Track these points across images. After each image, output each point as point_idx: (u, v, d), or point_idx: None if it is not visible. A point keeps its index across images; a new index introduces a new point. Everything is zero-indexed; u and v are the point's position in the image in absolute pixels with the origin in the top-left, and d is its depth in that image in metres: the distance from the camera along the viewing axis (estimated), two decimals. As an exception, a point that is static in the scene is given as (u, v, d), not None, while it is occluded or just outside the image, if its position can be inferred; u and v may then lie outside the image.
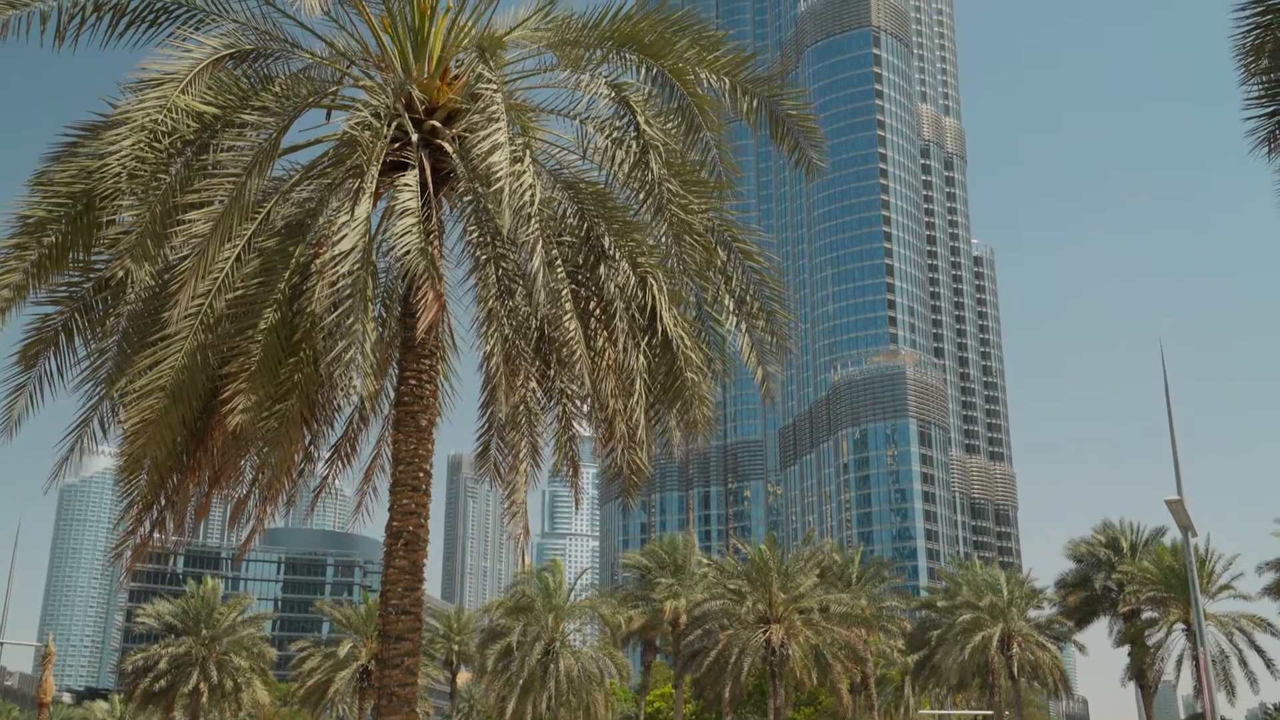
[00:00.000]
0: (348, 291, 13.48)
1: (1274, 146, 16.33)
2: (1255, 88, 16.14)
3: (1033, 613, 71.67)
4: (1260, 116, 16.26)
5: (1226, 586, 61.92)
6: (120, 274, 13.75)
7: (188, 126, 14.11)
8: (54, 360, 15.30)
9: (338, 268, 13.55)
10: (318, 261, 14.47)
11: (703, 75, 15.97)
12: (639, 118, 15.15)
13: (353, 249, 13.70)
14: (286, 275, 15.04)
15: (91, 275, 15.07)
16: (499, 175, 13.25)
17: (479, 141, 13.76)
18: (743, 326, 16.95)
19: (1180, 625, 61.78)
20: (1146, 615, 65.50)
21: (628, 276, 16.04)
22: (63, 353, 15.33)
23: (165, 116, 13.62)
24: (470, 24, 16.86)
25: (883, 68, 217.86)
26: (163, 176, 13.79)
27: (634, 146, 15.25)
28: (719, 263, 16.74)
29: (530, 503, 15.90)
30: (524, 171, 13.83)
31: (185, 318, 13.66)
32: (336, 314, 13.48)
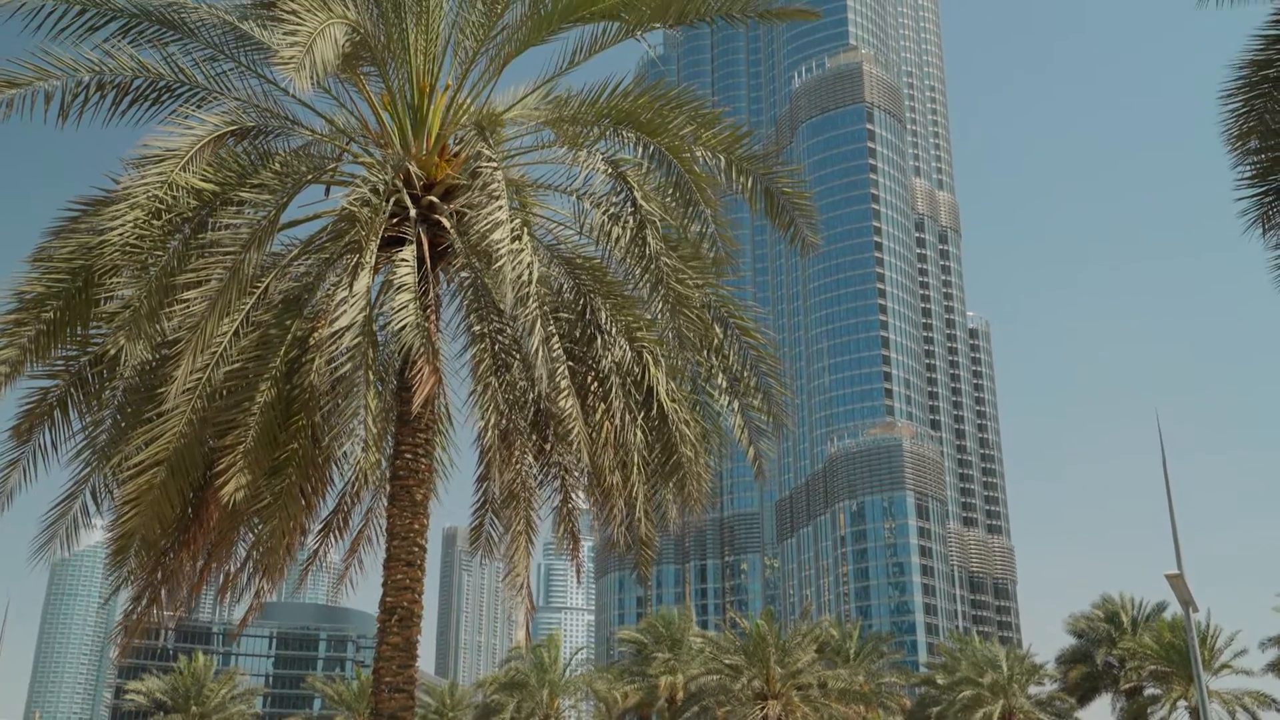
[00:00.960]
0: (349, 366, 13.50)
1: (1267, 226, 16.51)
2: (1246, 169, 16.34)
3: (1034, 689, 70.86)
4: (1252, 197, 16.46)
5: (1227, 665, 61.38)
6: (117, 349, 13.77)
7: (187, 204, 14.22)
8: (49, 434, 15.28)
9: (338, 343, 13.59)
10: (315, 336, 14.52)
11: (699, 152, 16.12)
12: (636, 193, 15.27)
13: (352, 324, 13.75)
14: (283, 350, 15.07)
15: (88, 350, 15.09)
16: (500, 254, 13.31)
17: (480, 220, 13.82)
18: (735, 406, 16.98)
19: (1183, 702, 61.10)
20: (1149, 692, 64.80)
21: (624, 351, 16.08)
22: (57, 426, 15.30)
23: (165, 194, 13.74)
24: (469, 101, 17.08)
25: (877, 143, 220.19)
26: (161, 253, 13.87)
27: (631, 221, 15.35)
28: (715, 339, 16.80)
29: (525, 577, 15.77)
30: (523, 249, 13.90)
31: (182, 393, 13.66)
32: (336, 388, 13.49)
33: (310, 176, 15.70)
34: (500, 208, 13.71)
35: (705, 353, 16.79)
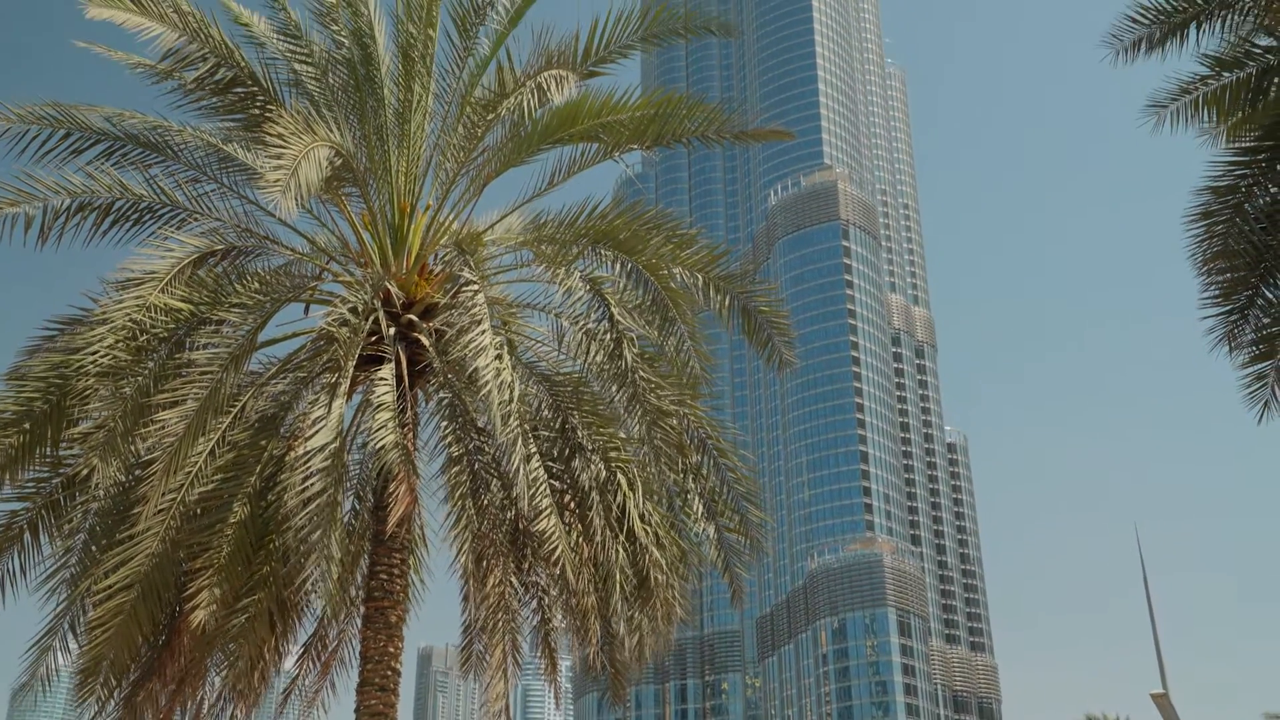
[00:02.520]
0: (317, 488, 13.35)
1: (1232, 345, 16.79)
2: (1211, 289, 16.68)
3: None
4: (1217, 315, 16.78)
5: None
6: (89, 470, 13.65)
7: (165, 324, 14.24)
8: (18, 558, 15.01)
9: (309, 463, 13.50)
10: (290, 456, 14.42)
11: (676, 271, 16.31)
12: (613, 310, 15.38)
13: (325, 444, 13.68)
14: (259, 469, 14.96)
15: (60, 471, 14.93)
16: (485, 380, 13.32)
17: (462, 342, 13.84)
18: (711, 532, 16.90)
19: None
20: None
21: (600, 470, 16.03)
22: (27, 550, 15.04)
23: (142, 316, 13.77)
24: (450, 221, 17.29)
25: (852, 259, 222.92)
26: (137, 374, 13.84)
27: (608, 337, 15.45)
28: (693, 461, 16.79)
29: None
30: (505, 368, 13.92)
31: (155, 514, 13.49)
32: (305, 513, 13.29)
33: (290, 295, 15.77)
34: (483, 331, 13.76)
35: (682, 473, 16.75)
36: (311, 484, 13.33)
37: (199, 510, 14.40)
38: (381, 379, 14.89)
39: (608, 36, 17.25)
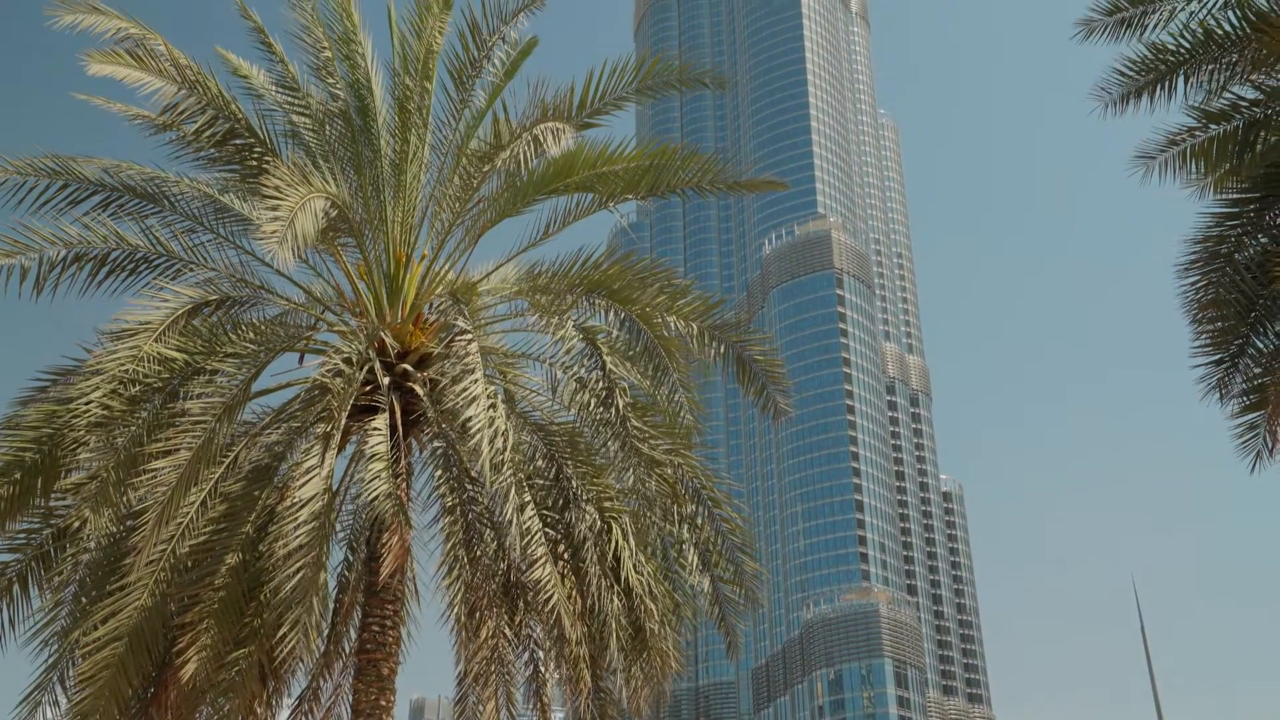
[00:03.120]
0: (301, 541, 13.29)
1: (1223, 393, 16.88)
2: (1203, 339, 16.80)
3: None
4: (1207, 364, 16.89)
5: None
6: (81, 521, 13.60)
7: (158, 374, 14.25)
8: (7, 610, 14.89)
9: (296, 515, 13.46)
10: (282, 506, 14.37)
11: (671, 320, 16.35)
12: (606, 359, 15.41)
13: (314, 495, 13.64)
14: (252, 519, 14.90)
15: (51, 522, 14.86)
16: (476, 429, 13.32)
17: (456, 396, 13.85)
18: (705, 584, 16.84)
19: None
20: None
21: (595, 520, 15.99)
22: (16, 603, 14.92)
23: (135, 366, 13.77)
24: (445, 271, 17.34)
25: (847, 308, 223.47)
26: (129, 425, 13.83)
27: (600, 387, 15.48)
28: (687, 511, 16.75)
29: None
30: (498, 418, 13.93)
31: (146, 565, 13.42)
32: (288, 566, 13.22)
33: (284, 345, 15.79)
34: (475, 381, 13.78)
35: (676, 523, 16.71)
36: (297, 536, 13.29)
37: (190, 563, 14.32)
38: (375, 429, 14.88)
39: (603, 89, 17.42)
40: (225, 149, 16.62)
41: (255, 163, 16.38)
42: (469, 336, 14.40)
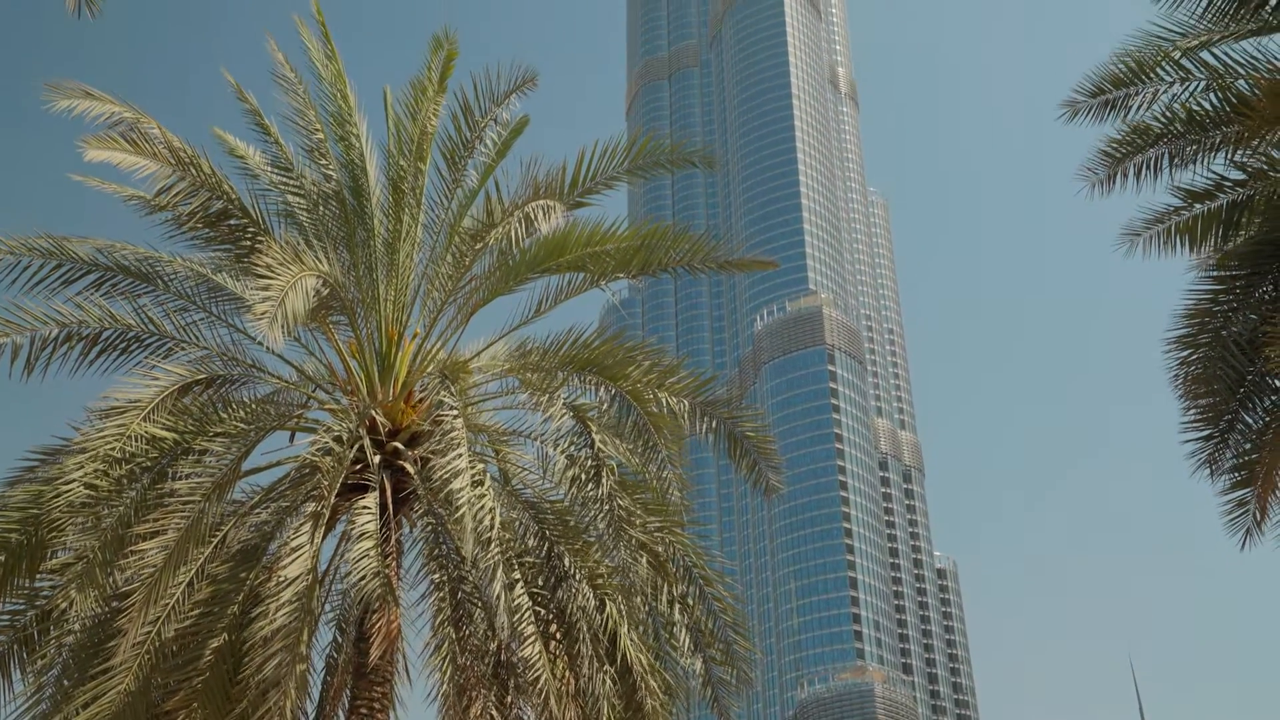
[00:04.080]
0: (282, 623, 13.16)
1: (1214, 470, 16.90)
2: (1193, 414, 16.86)
3: None
4: (1197, 439, 16.93)
5: None
6: (67, 603, 13.45)
7: (147, 454, 14.20)
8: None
9: (280, 595, 13.34)
10: (268, 585, 14.24)
11: (663, 397, 16.39)
12: (595, 438, 15.44)
13: (299, 575, 13.53)
14: (238, 600, 14.75)
15: (36, 604, 14.70)
16: (460, 501, 13.30)
17: (440, 468, 13.87)
18: (698, 665, 16.69)
19: None
20: None
21: (588, 599, 15.87)
22: (-2, 687, 14.72)
23: (123, 445, 13.74)
24: (436, 349, 17.39)
25: (838, 383, 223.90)
26: (117, 504, 13.75)
27: (590, 466, 15.47)
28: (678, 591, 16.65)
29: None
30: (484, 495, 13.91)
31: (132, 648, 13.24)
32: (268, 648, 13.07)
33: (275, 424, 15.78)
34: (460, 455, 13.78)
35: (668, 603, 16.59)
36: (279, 616, 13.16)
37: (175, 647, 14.14)
38: (365, 508, 14.81)
39: (594, 169, 17.63)
40: (219, 229, 16.74)
41: (248, 242, 16.49)
42: (455, 411, 14.43)
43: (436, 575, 15.27)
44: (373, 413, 16.13)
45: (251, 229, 16.67)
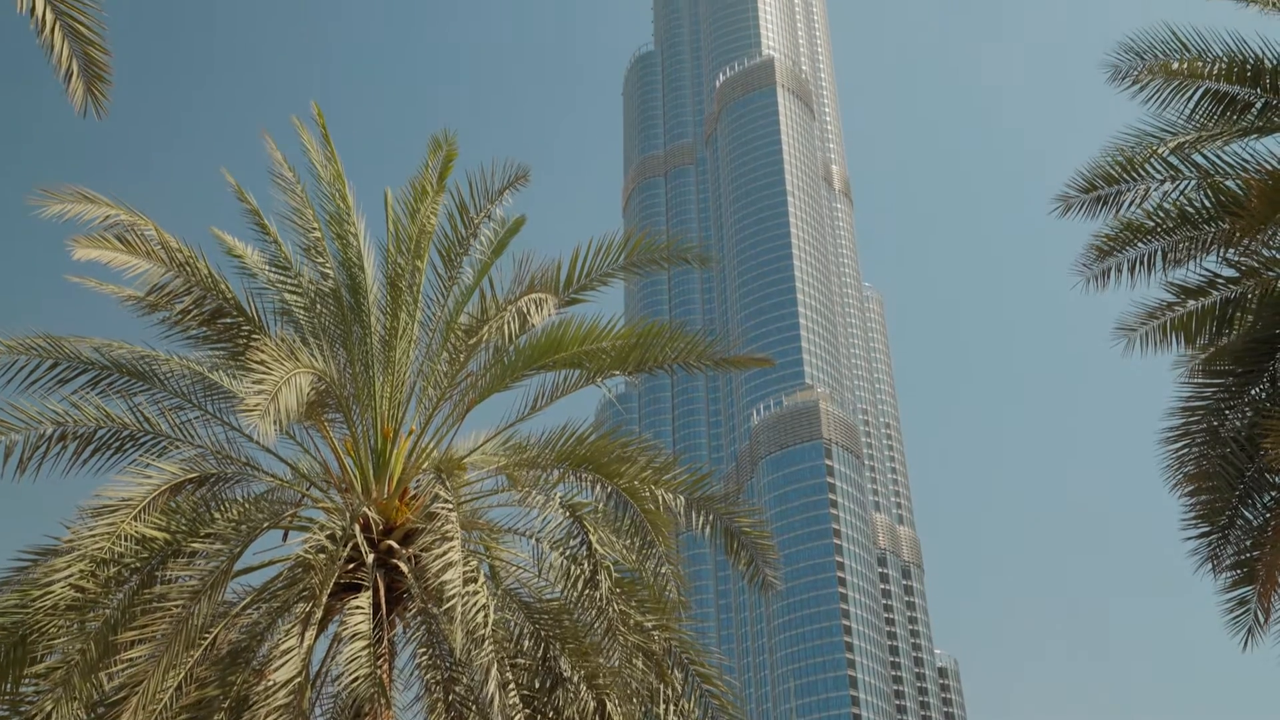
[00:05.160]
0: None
1: (1216, 567, 16.77)
2: (1192, 510, 16.77)
3: None
4: (1197, 537, 16.82)
5: None
6: (52, 707, 13.18)
7: (136, 554, 14.06)
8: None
9: (270, 699, 13.12)
10: (258, 690, 14.00)
11: (658, 493, 16.31)
12: (591, 537, 15.35)
13: (290, 679, 13.31)
14: (227, 705, 14.50)
15: (21, 710, 14.40)
16: (452, 595, 13.17)
17: (433, 561, 13.77)
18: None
19: None
20: None
21: (586, 702, 15.63)
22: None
23: (112, 545, 13.60)
24: (432, 446, 17.33)
25: (836, 478, 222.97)
26: (105, 607, 13.58)
27: (587, 566, 15.35)
28: (676, 687, 16.41)
29: None
30: (478, 591, 13.77)
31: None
32: None
33: (268, 523, 15.66)
34: (453, 548, 13.68)
35: (664, 703, 16.33)
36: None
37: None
38: (357, 607, 14.63)
39: (589, 266, 17.76)
40: (214, 327, 16.79)
41: (244, 340, 16.53)
42: (449, 506, 14.36)
43: (430, 676, 15.03)
44: (367, 510, 16.01)
45: (247, 327, 16.73)
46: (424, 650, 15.41)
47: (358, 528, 15.56)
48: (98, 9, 11.11)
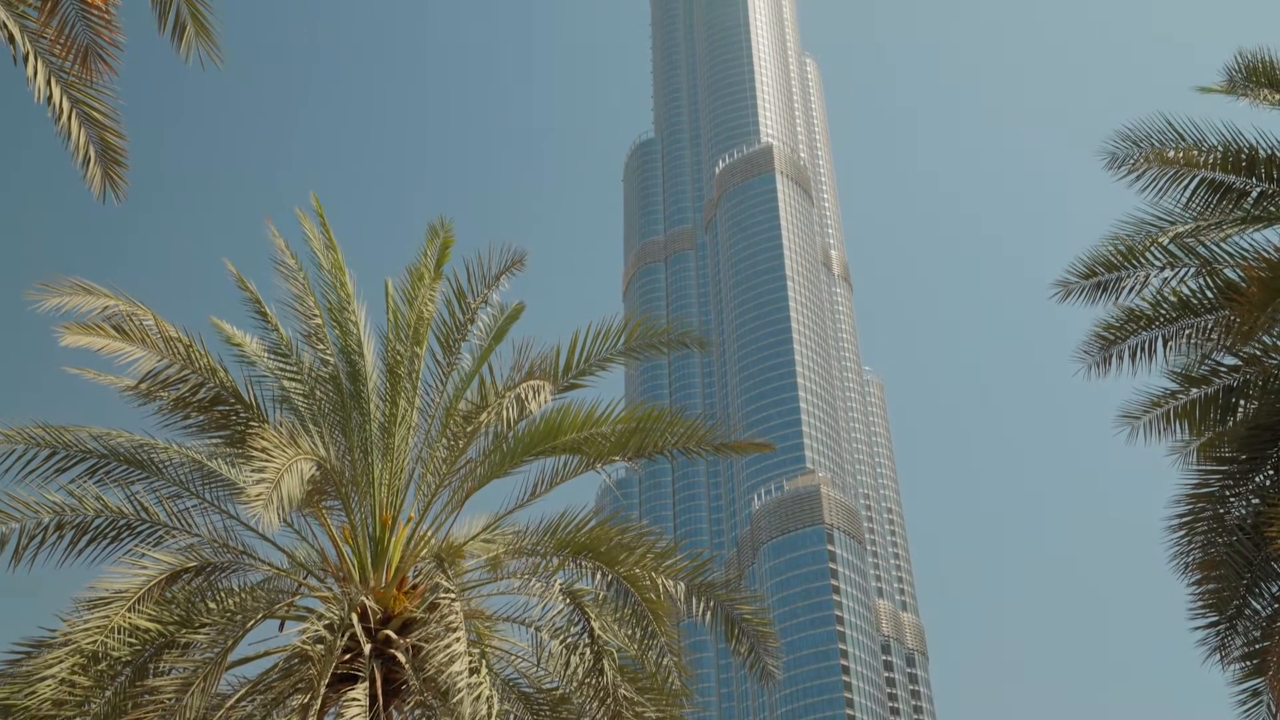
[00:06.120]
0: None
1: (1225, 658, 16.54)
2: (1199, 600, 16.59)
3: None
4: (1205, 627, 16.61)
5: None
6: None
7: (129, 646, 13.87)
8: None
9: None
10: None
11: (659, 580, 16.17)
12: (594, 623, 15.24)
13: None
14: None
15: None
16: (460, 689, 12.98)
17: (436, 652, 13.58)
18: None
19: None
20: None
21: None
22: None
23: (105, 639, 13.43)
24: (430, 534, 17.21)
25: (838, 564, 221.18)
26: (94, 701, 13.36)
27: (588, 653, 15.17)
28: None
29: None
30: (482, 683, 13.59)
31: None
32: None
33: (264, 613, 15.48)
34: (458, 639, 13.53)
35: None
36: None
37: None
38: (354, 699, 14.40)
39: (588, 351, 17.81)
40: (212, 414, 16.77)
41: (242, 427, 16.50)
42: (452, 596, 14.22)
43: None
44: (365, 599, 15.84)
45: (245, 414, 16.71)
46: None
47: (355, 617, 15.38)
48: (112, 95, 11.27)
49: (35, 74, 10.70)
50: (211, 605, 15.13)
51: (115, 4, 11.31)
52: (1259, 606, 16.32)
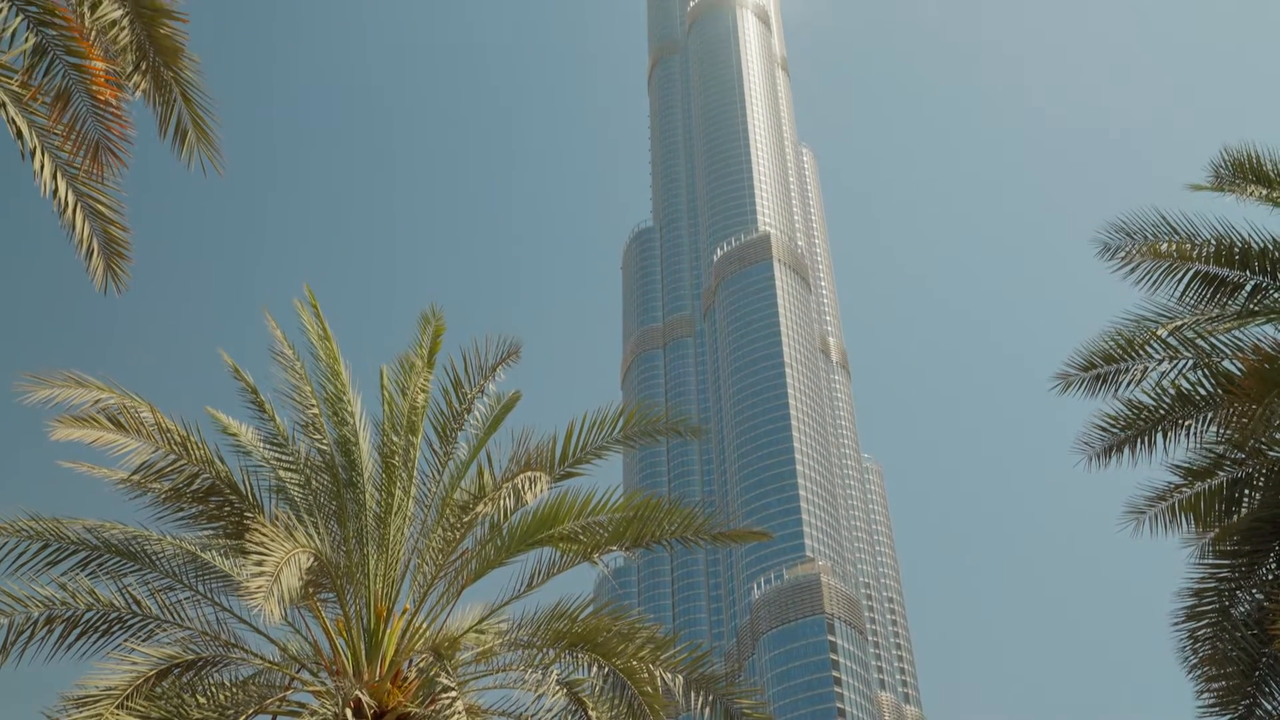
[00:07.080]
0: None
1: None
2: (1208, 695, 16.36)
3: None
4: None
5: None
6: None
7: None
8: None
9: None
10: None
11: (657, 673, 15.99)
12: (591, 714, 15.00)
13: None
14: None
15: None
16: None
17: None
18: None
19: None
20: None
21: None
22: None
23: None
24: (425, 626, 17.04)
25: (839, 654, 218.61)
26: None
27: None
28: None
29: None
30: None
31: None
32: None
33: (255, 708, 15.25)
34: None
35: None
36: None
37: None
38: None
39: (584, 440, 17.80)
40: (207, 505, 16.69)
41: (236, 518, 16.42)
42: (453, 694, 14.05)
43: None
44: (359, 693, 15.61)
45: (240, 505, 16.62)
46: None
47: (349, 712, 15.15)
48: (116, 189, 11.39)
49: (42, 168, 10.82)
50: (202, 700, 14.92)
51: (129, 100, 11.49)
52: (1270, 707, 16.05)
